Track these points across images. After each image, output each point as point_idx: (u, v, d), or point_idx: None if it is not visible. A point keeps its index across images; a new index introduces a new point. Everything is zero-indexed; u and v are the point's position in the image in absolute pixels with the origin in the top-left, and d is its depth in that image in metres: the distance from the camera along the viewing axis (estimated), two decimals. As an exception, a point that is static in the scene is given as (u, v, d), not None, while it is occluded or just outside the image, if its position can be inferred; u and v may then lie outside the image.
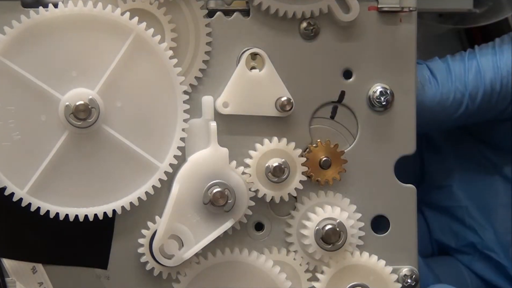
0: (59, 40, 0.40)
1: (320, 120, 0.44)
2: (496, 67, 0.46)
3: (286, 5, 0.42)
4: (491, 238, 0.52)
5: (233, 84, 0.42)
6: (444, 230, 0.54)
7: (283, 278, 0.43)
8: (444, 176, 0.54)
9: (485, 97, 0.47)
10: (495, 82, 0.46)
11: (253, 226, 0.44)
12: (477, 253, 0.52)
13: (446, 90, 0.46)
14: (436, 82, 0.46)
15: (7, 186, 0.40)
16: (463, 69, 0.47)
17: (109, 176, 0.41)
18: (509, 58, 0.47)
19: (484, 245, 0.52)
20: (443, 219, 0.54)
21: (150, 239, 0.42)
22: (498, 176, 0.52)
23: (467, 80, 0.46)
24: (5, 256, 0.42)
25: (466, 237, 0.53)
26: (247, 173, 0.42)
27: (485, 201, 0.52)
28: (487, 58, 0.47)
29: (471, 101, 0.46)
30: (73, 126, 0.39)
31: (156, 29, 0.41)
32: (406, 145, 0.44)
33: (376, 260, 0.44)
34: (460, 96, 0.46)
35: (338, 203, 0.44)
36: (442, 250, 0.55)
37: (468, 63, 0.47)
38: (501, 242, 0.51)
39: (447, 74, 0.47)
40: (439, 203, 0.54)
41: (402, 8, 0.43)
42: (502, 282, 0.52)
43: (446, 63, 0.47)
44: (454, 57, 0.48)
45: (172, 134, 0.41)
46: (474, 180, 0.53)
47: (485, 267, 0.52)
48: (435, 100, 0.46)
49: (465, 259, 0.53)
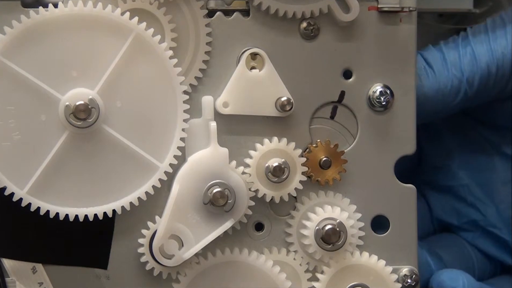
0: (59, 40, 0.40)
1: (320, 120, 0.44)
2: (491, 50, 0.46)
3: (286, 5, 0.42)
4: (493, 215, 0.52)
5: (233, 84, 0.42)
6: (446, 209, 0.54)
7: (283, 278, 0.43)
8: (443, 156, 0.54)
9: (482, 81, 0.47)
10: (491, 65, 0.46)
11: (253, 226, 0.44)
12: (479, 230, 0.53)
13: (443, 78, 0.46)
14: (433, 72, 0.46)
15: (7, 186, 0.40)
16: (458, 56, 0.47)
17: (109, 176, 0.41)
18: (502, 40, 0.47)
19: (487, 221, 0.52)
20: (444, 198, 0.54)
21: (150, 239, 0.42)
22: (496, 154, 0.52)
23: (463, 66, 0.46)
24: (5, 256, 0.42)
25: (468, 215, 0.53)
26: (247, 173, 0.42)
27: (485, 179, 0.53)
28: (481, 42, 0.47)
29: (469, 87, 0.46)
30: (73, 126, 0.39)
31: (156, 29, 0.41)
32: (406, 145, 0.44)
33: (376, 260, 0.44)
34: (458, 83, 0.46)
35: (338, 203, 0.44)
36: (444, 228, 0.55)
37: (463, 49, 0.47)
38: (503, 217, 0.52)
39: (443, 63, 0.47)
40: (439, 183, 0.54)
41: (402, 8, 0.43)
42: (506, 256, 0.52)
43: (440, 52, 0.47)
44: (448, 44, 0.48)
45: (172, 134, 0.41)
46: (473, 159, 0.53)
47: (488, 243, 0.52)
48: (433, 89, 0.46)
49: (467, 236, 0.53)
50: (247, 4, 0.43)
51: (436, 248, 0.52)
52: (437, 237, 0.54)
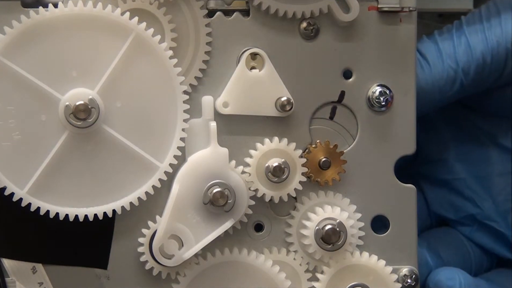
0: (59, 40, 0.40)
1: (320, 121, 0.44)
2: (486, 39, 0.46)
3: (286, 5, 0.42)
4: (490, 208, 0.52)
5: (233, 84, 0.42)
6: (443, 203, 0.54)
7: (282, 277, 0.43)
8: (439, 149, 0.54)
9: (477, 70, 0.46)
10: (486, 54, 0.46)
11: (253, 226, 0.44)
12: (476, 224, 0.52)
13: (438, 70, 0.46)
14: (428, 64, 0.46)
15: (7, 186, 0.40)
16: (452, 46, 0.47)
17: (109, 176, 0.41)
18: (497, 29, 0.46)
19: (484, 215, 0.52)
20: (441, 192, 0.54)
21: (150, 238, 0.42)
22: (492, 146, 0.52)
23: (458, 56, 0.46)
24: (5, 256, 0.42)
25: (466, 209, 0.53)
26: (247, 172, 0.42)
27: (481, 171, 0.52)
28: (475, 31, 0.47)
29: (464, 77, 0.46)
30: (73, 126, 0.39)
31: (156, 29, 0.41)
32: (406, 145, 0.44)
33: (376, 260, 0.44)
34: (453, 74, 0.46)
35: (338, 203, 0.44)
36: (441, 222, 0.55)
37: (457, 39, 0.47)
38: (500, 210, 0.52)
39: (438, 54, 0.46)
40: (436, 176, 0.54)
41: (402, 8, 0.43)
42: (504, 250, 0.52)
43: (435, 43, 0.47)
44: (442, 34, 0.48)
45: (172, 134, 0.41)
46: (469, 151, 0.53)
47: (485, 236, 0.52)
48: (428, 82, 0.46)
49: (465, 230, 0.53)
50: (247, 4, 0.43)
51: (433, 243, 0.52)
52: (434, 232, 0.54)
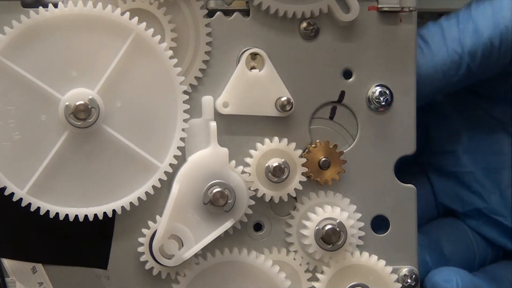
0: (59, 40, 0.40)
1: (320, 121, 0.44)
2: (493, 24, 0.45)
3: (286, 5, 0.42)
4: (498, 202, 0.51)
5: (233, 84, 0.42)
6: (450, 195, 0.53)
7: (282, 277, 0.43)
8: (449, 139, 0.53)
9: (485, 53, 0.46)
10: (494, 38, 0.45)
11: (253, 226, 0.44)
12: (483, 218, 0.52)
13: (441, 54, 0.46)
14: (429, 48, 0.46)
15: (7, 186, 0.40)
16: (457, 30, 0.46)
17: (109, 176, 0.41)
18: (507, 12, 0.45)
19: (491, 209, 0.52)
20: (449, 184, 0.53)
21: (150, 238, 0.42)
22: (504, 135, 0.52)
23: (463, 40, 0.46)
24: (5, 256, 0.42)
25: (472, 203, 0.52)
26: (247, 172, 0.42)
27: (491, 163, 0.52)
28: (483, 15, 0.46)
29: (471, 60, 0.46)
30: (73, 126, 0.39)
31: (156, 29, 0.41)
32: (406, 145, 0.44)
33: (376, 260, 0.44)
34: (458, 58, 0.46)
35: (338, 203, 0.44)
36: (448, 214, 0.54)
37: (463, 23, 0.46)
38: (507, 204, 0.51)
39: (441, 38, 0.46)
40: (445, 168, 0.53)
41: (402, 8, 0.43)
42: (511, 244, 0.52)
43: (439, 27, 0.46)
44: (449, 18, 0.47)
45: (172, 134, 0.41)
46: (479, 141, 0.52)
47: (492, 230, 0.52)
48: (429, 66, 0.46)
49: (471, 223, 0.53)
50: (247, 4, 0.43)
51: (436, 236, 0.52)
52: (438, 223, 0.54)
